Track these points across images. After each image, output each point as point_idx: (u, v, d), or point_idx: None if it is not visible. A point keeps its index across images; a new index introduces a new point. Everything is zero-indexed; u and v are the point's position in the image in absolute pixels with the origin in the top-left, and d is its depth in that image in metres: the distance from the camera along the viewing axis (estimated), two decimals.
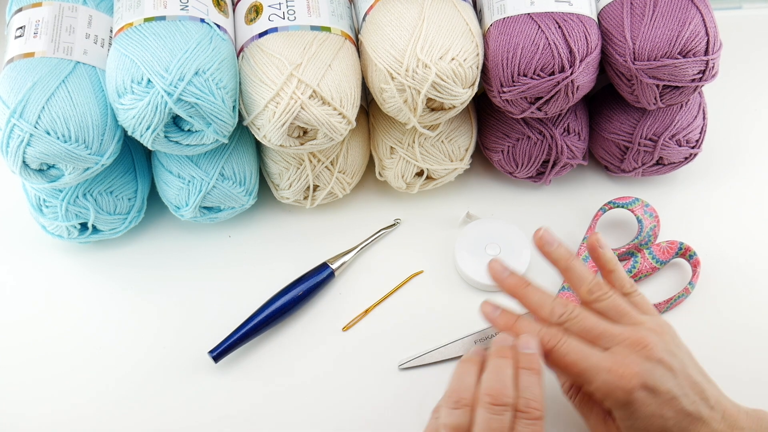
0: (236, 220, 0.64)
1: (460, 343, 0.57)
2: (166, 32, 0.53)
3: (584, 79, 0.56)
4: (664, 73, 0.55)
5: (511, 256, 0.60)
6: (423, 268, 0.62)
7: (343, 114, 0.54)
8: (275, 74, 0.53)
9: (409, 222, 0.64)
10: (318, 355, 0.57)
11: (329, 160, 0.60)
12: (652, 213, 0.61)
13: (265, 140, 0.55)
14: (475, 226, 0.62)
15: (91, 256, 0.62)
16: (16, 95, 0.52)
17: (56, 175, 0.54)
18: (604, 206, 0.61)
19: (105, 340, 0.58)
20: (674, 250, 0.59)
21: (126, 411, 0.55)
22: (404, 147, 0.60)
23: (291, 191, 0.61)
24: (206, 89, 0.51)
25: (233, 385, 0.56)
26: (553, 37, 0.54)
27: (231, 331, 0.56)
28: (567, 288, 0.59)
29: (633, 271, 0.58)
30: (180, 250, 0.63)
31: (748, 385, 0.55)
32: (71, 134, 0.52)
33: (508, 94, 0.56)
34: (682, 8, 0.55)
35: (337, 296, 0.60)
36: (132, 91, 0.51)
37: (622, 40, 0.56)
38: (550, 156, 0.62)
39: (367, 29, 0.57)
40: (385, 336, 0.58)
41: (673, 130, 0.60)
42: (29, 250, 0.63)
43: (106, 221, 0.59)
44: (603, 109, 0.63)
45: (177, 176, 0.58)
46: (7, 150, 0.52)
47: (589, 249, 0.51)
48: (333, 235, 0.63)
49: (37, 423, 0.55)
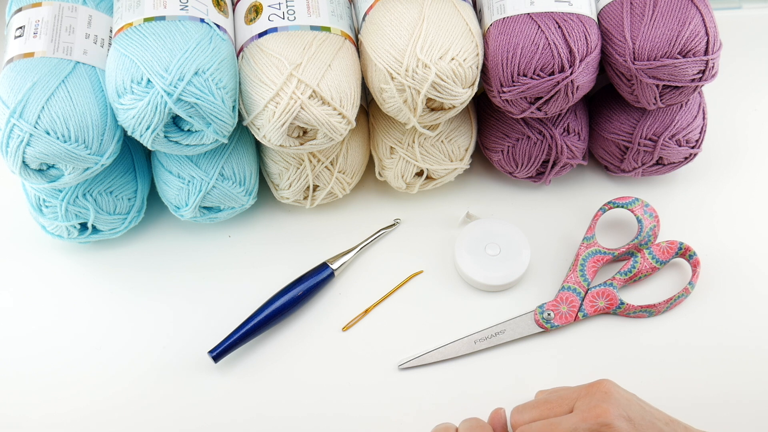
0: (236, 220, 0.64)
1: (460, 343, 0.57)
2: (165, 32, 0.53)
3: (584, 79, 0.56)
4: (664, 73, 0.55)
5: (511, 256, 0.60)
6: (423, 268, 0.62)
7: (343, 114, 0.54)
8: (275, 74, 0.53)
9: (409, 222, 0.64)
10: (318, 355, 0.57)
11: (329, 160, 0.60)
12: (652, 213, 0.61)
13: (265, 140, 0.55)
14: (475, 226, 0.62)
15: (91, 256, 0.62)
16: (15, 95, 0.52)
17: (56, 175, 0.54)
18: (603, 206, 0.61)
19: (105, 339, 0.58)
20: (674, 250, 0.59)
21: (125, 411, 0.55)
22: (404, 147, 0.60)
23: (291, 191, 0.61)
24: (206, 89, 0.51)
25: (233, 385, 0.56)
26: (553, 37, 0.54)
27: (231, 331, 0.56)
28: (567, 288, 0.59)
29: (633, 271, 0.58)
30: (180, 250, 0.63)
31: (747, 385, 0.55)
32: (71, 134, 0.52)
33: (508, 94, 0.56)
34: (682, 8, 0.55)
35: (337, 296, 0.60)
36: (132, 91, 0.51)
37: (622, 40, 0.56)
38: (550, 156, 0.62)
39: (367, 29, 0.57)
40: (385, 336, 0.58)
41: (673, 130, 0.60)
42: (29, 250, 0.63)
43: (106, 221, 0.59)
44: (603, 109, 0.63)
45: (177, 176, 0.58)
46: (6, 150, 0.52)
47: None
48: (333, 235, 0.63)
49: (36, 422, 0.55)
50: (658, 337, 0.58)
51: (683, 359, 0.57)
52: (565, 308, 0.58)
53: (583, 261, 0.59)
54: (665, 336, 0.58)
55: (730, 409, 0.54)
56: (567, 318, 0.58)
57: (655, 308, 0.58)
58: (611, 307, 0.58)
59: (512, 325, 0.58)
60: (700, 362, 0.56)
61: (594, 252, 0.60)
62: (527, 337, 0.58)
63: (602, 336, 0.58)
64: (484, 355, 0.57)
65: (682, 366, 0.56)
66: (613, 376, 0.56)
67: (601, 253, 0.60)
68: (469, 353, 0.57)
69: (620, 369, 0.56)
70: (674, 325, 0.58)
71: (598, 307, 0.58)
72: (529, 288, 0.60)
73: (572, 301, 0.58)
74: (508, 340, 0.57)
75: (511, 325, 0.58)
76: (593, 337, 0.58)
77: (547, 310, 0.58)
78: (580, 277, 0.59)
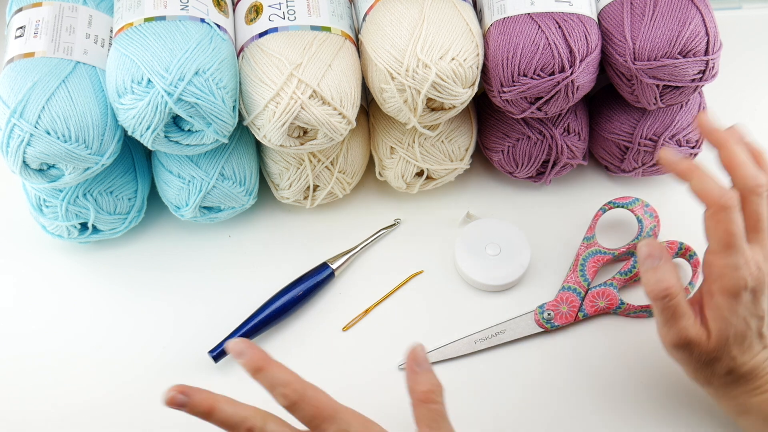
0: (236, 220, 0.64)
1: (460, 343, 0.57)
2: (166, 32, 0.53)
3: (584, 79, 0.56)
4: (664, 73, 0.55)
5: (512, 256, 0.60)
6: (423, 268, 0.62)
7: (343, 114, 0.54)
8: (275, 74, 0.53)
9: (409, 222, 0.64)
10: (318, 355, 0.57)
11: (329, 160, 0.60)
12: (652, 213, 0.61)
13: (265, 140, 0.55)
14: (475, 226, 0.62)
15: (91, 256, 0.62)
16: (16, 95, 0.52)
17: (56, 175, 0.54)
18: (604, 206, 0.61)
19: (105, 339, 0.58)
20: (674, 251, 0.59)
21: (125, 410, 0.55)
22: (404, 147, 0.60)
23: (291, 191, 0.61)
24: (206, 89, 0.51)
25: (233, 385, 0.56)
26: (553, 37, 0.54)
27: (231, 331, 0.56)
28: (567, 288, 0.59)
29: (633, 271, 0.59)
30: (180, 250, 0.63)
31: None
32: (71, 134, 0.52)
33: (508, 94, 0.56)
34: (682, 8, 0.55)
35: (337, 296, 0.60)
36: (132, 91, 0.51)
37: (622, 40, 0.56)
38: (550, 156, 0.62)
39: (368, 29, 0.57)
40: (385, 336, 0.58)
41: (673, 130, 0.60)
42: (29, 250, 0.63)
43: (106, 221, 0.59)
44: (603, 109, 0.63)
45: (177, 176, 0.58)
46: (7, 150, 0.52)
47: (702, 127, 0.49)
48: (333, 235, 0.63)
49: (36, 422, 0.54)
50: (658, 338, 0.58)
51: None
52: (566, 308, 0.58)
53: (584, 261, 0.59)
54: None
55: None
56: (567, 318, 0.58)
57: None
58: (611, 307, 0.58)
59: (512, 325, 0.58)
60: None
61: (594, 252, 0.60)
62: (527, 337, 0.58)
63: (602, 336, 0.58)
64: (484, 355, 0.57)
65: None
66: (613, 376, 0.56)
67: (601, 253, 0.60)
68: (470, 353, 0.57)
69: (620, 369, 0.56)
70: None
71: (598, 307, 0.58)
72: (529, 288, 0.60)
73: (572, 301, 0.58)
74: (508, 340, 0.57)
75: (511, 325, 0.58)
76: (593, 337, 0.58)
77: (547, 310, 0.58)
78: (580, 277, 0.59)
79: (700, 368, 0.47)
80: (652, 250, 0.46)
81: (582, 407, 0.55)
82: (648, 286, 0.46)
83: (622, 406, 0.55)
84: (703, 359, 0.47)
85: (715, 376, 0.47)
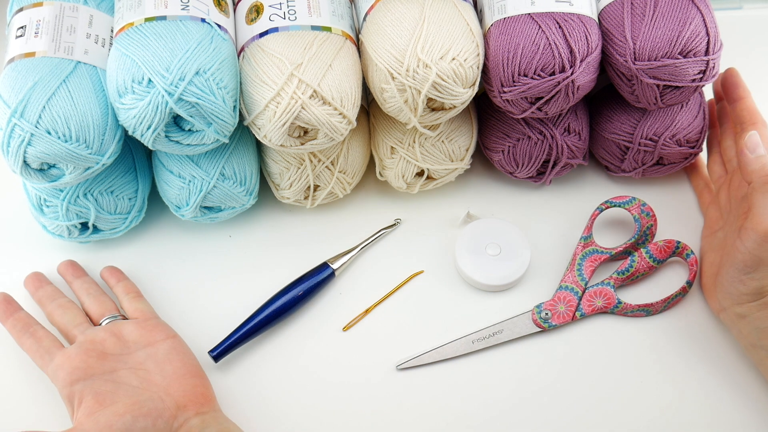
0: (237, 220, 0.64)
1: (458, 343, 0.57)
2: (166, 32, 0.53)
3: (585, 79, 0.56)
4: (664, 73, 0.55)
5: (512, 256, 0.60)
6: (423, 268, 0.62)
7: (344, 114, 0.54)
8: (276, 74, 0.53)
9: (409, 222, 0.64)
10: (318, 355, 0.58)
11: (330, 160, 0.60)
12: (648, 212, 0.61)
13: (266, 140, 0.55)
14: (475, 226, 0.62)
15: (91, 256, 0.62)
16: (17, 95, 0.52)
17: (57, 174, 0.54)
18: (600, 205, 0.61)
19: None
20: (671, 249, 0.59)
21: None
22: (405, 147, 0.60)
23: (291, 191, 0.61)
24: (207, 89, 0.51)
25: (233, 385, 0.56)
26: (553, 37, 0.54)
27: (231, 330, 0.56)
28: (564, 287, 0.59)
29: (630, 270, 0.59)
30: (180, 250, 0.63)
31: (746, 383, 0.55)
32: (72, 134, 0.52)
33: (508, 94, 0.56)
34: (683, 8, 0.55)
35: (337, 296, 0.60)
36: (133, 91, 0.51)
37: (623, 40, 0.56)
38: (550, 156, 0.62)
39: (368, 29, 0.57)
40: (385, 336, 0.58)
41: (673, 130, 0.60)
42: (30, 250, 0.63)
43: (107, 221, 0.60)
44: (603, 109, 0.63)
45: (178, 176, 0.58)
46: (7, 150, 0.52)
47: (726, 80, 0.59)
48: (333, 235, 0.63)
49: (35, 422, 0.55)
50: (655, 336, 0.58)
51: (681, 358, 0.57)
52: (563, 308, 0.58)
53: (581, 260, 0.59)
54: (663, 335, 0.58)
55: (730, 407, 0.55)
56: (564, 317, 0.58)
57: (653, 307, 0.58)
58: (609, 306, 0.58)
59: (510, 324, 0.58)
60: (698, 360, 0.57)
61: (591, 251, 0.60)
62: (525, 337, 0.58)
63: (600, 335, 0.58)
64: (482, 355, 0.57)
65: (680, 365, 0.56)
66: (611, 374, 0.56)
67: (598, 253, 0.60)
68: (468, 353, 0.57)
69: (618, 368, 0.56)
70: (672, 324, 0.58)
71: (595, 307, 0.58)
72: (529, 288, 0.60)
73: (570, 300, 0.58)
74: (505, 339, 0.57)
75: (508, 325, 0.58)
76: (591, 336, 0.58)
77: (544, 310, 0.58)
78: (577, 276, 0.59)
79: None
80: (756, 138, 0.53)
81: (579, 406, 0.55)
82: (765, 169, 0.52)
83: (619, 406, 0.55)
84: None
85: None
